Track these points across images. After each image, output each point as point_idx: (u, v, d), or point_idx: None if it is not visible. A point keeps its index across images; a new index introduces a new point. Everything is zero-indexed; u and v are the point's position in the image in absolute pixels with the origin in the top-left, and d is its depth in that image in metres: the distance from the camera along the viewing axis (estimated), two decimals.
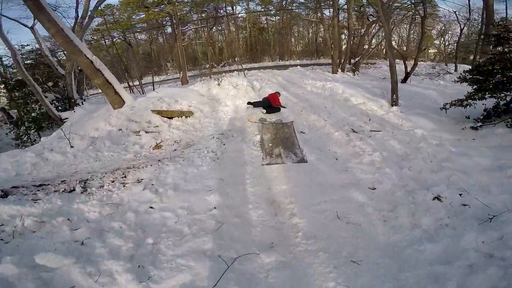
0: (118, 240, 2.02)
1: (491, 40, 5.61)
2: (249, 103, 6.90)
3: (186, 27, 19.59)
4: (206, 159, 3.46)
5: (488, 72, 5.01)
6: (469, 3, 14.78)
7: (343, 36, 17.38)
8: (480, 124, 4.91)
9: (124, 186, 2.85)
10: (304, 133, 4.60)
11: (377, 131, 4.90)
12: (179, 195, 2.61)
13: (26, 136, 8.07)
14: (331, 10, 14.09)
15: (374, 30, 15.53)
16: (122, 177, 3.04)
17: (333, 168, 3.22)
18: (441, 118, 5.65)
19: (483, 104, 5.06)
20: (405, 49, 23.66)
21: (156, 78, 16.31)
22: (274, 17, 22.46)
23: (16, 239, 2.15)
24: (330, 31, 13.17)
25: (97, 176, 3.11)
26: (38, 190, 2.85)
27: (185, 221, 2.24)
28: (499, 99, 4.92)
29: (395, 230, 2.17)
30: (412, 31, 24.97)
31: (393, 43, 26.70)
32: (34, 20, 9.21)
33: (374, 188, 2.79)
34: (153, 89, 10.94)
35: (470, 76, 5.26)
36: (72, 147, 4.02)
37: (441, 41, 23.76)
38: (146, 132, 4.88)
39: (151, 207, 2.45)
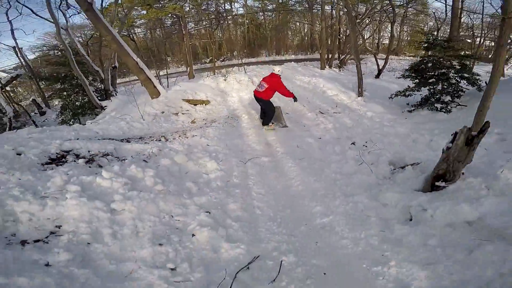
0: (200, 154, 4.85)
1: (422, 45, 8.25)
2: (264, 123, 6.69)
3: (190, 27, 22.19)
4: (228, 126, 6.32)
5: (422, 70, 7.82)
6: (445, 3, 17.48)
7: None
8: (413, 108, 7.74)
9: (187, 138, 5.68)
10: (288, 113, 7.48)
11: (338, 113, 7.77)
12: (220, 140, 5.50)
13: (72, 121, 10.76)
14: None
15: (360, 28, 18.37)
16: (183, 134, 5.86)
17: (301, 130, 6.14)
18: (391, 105, 8.49)
19: (420, 94, 7.87)
20: (396, 44, 26.61)
21: (161, 72, 18.95)
22: (271, 13, 25.15)
23: (152, 158, 4.86)
24: (319, 30, 15.97)
25: (168, 134, 5.93)
26: (141, 140, 5.65)
27: (226, 149, 5.12)
28: (430, 90, 7.72)
29: (323, 152, 5.05)
30: (401, 29, 27.69)
31: (385, 38, 29.47)
32: (67, 22, 11.86)
33: (320, 138, 5.69)
34: (167, 83, 13.67)
35: (408, 74, 8.08)
36: (143, 119, 6.82)
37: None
38: (182, 113, 7.69)
39: (207, 145, 5.30)
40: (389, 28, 28.48)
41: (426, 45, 7.91)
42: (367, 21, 19.48)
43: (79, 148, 4.58)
